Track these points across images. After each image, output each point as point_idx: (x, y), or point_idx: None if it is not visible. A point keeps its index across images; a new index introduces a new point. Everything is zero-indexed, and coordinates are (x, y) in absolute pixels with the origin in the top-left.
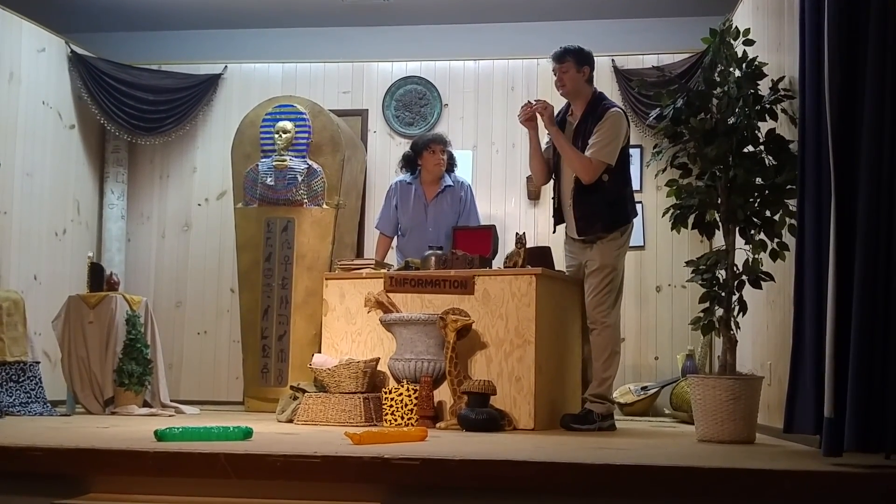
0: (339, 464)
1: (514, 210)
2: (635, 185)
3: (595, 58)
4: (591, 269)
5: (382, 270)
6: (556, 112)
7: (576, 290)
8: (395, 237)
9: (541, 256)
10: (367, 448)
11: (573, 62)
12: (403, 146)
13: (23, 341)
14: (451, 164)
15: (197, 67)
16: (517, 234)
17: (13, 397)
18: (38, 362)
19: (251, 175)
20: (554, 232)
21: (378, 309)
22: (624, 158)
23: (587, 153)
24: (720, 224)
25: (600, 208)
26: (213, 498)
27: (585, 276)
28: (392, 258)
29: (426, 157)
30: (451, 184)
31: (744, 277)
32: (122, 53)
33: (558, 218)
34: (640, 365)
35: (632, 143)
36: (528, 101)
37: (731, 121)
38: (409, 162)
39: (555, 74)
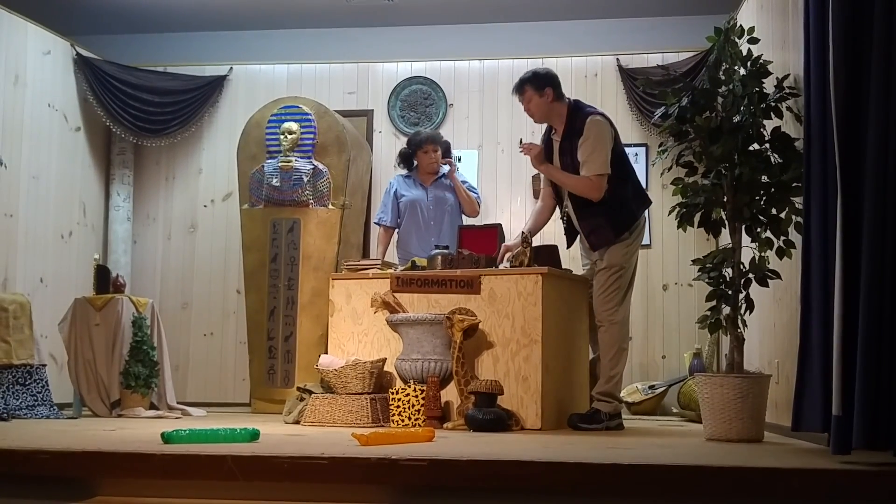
0: (347, 465)
1: (520, 209)
2: (642, 183)
3: (594, 55)
4: (599, 268)
5: (389, 271)
6: (541, 134)
7: (582, 289)
8: (396, 232)
9: (547, 255)
10: (375, 449)
11: (532, 89)
12: None
13: (29, 344)
14: (447, 154)
15: (202, 69)
16: (523, 232)
17: (20, 400)
18: (44, 365)
19: (257, 176)
20: (568, 248)
21: (384, 309)
22: (617, 159)
23: (582, 172)
24: (726, 222)
25: (606, 218)
26: (220, 500)
27: (594, 273)
28: (393, 256)
29: (420, 156)
30: (446, 173)
31: (750, 275)
32: (128, 55)
33: (571, 235)
34: (648, 364)
35: (637, 141)
36: (521, 141)
37: (737, 119)
38: (406, 159)
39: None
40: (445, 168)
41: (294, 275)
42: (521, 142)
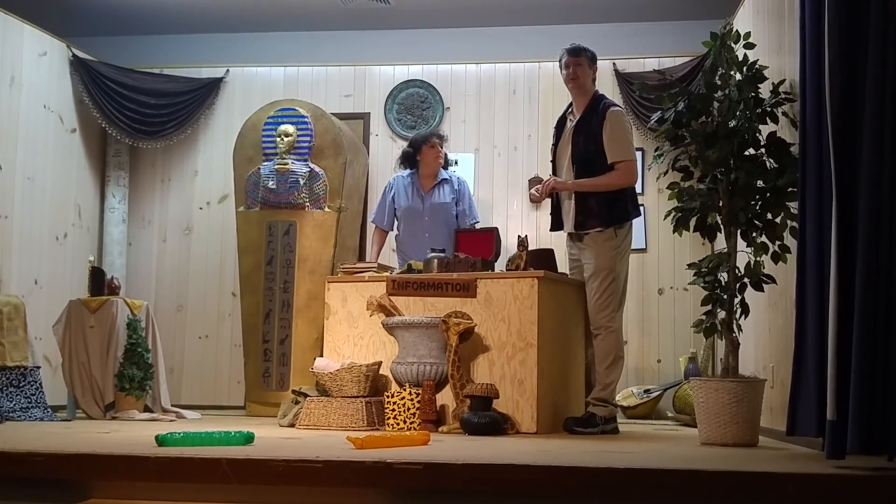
0: (342, 468)
1: (516, 213)
2: (637, 188)
3: (597, 60)
4: (588, 273)
5: (385, 274)
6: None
7: (578, 293)
8: (392, 233)
9: (543, 259)
10: (370, 452)
11: (587, 59)
12: None
13: (23, 346)
14: (446, 163)
15: (199, 71)
16: (519, 236)
17: (14, 402)
18: (38, 367)
19: (253, 178)
20: (551, 230)
21: (380, 312)
22: None
23: (612, 160)
24: (722, 227)
25: (601, 205)
26: (214, 503)
27: (585, 281)
28: (393, 260)
29: (425, 150)
30: (447, 177)
31: (745, 280)
32: (124, 57)
33: (556, 218)
34: (643, 368)
35: (634, 146)
36: (535, 192)
37: (732, 124)
38: (408, 158)
39: (566, 68)
40: (443, 174)
41: (290, 277)
42: (537, 191)
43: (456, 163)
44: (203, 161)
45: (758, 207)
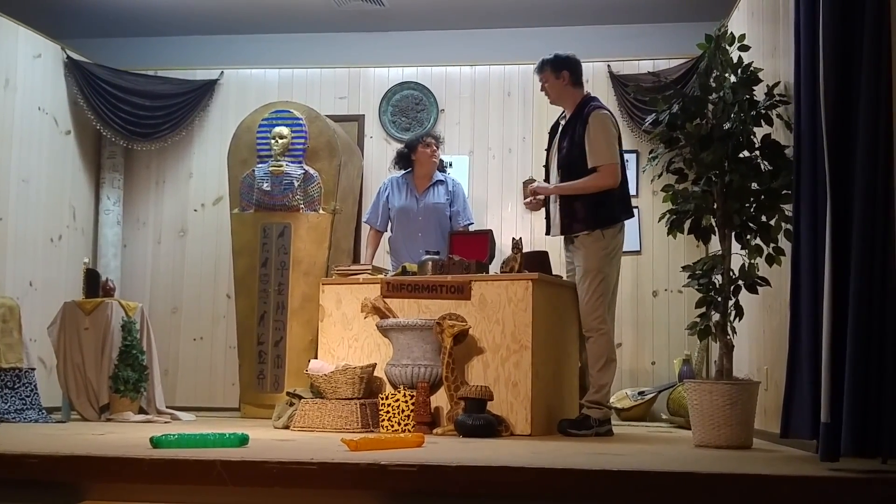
0: (336, 470)
1: (511, 215)
2: (631, 190)
3: (586, 61)
4: (579, 276)
5: (379, 276)
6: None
7: (572, 295)
8: (386, 234)
9: (537, 261)
10: (364, 454)
11: (549, 70)
12: None
13: (18, 348)
14: (441, 165)
15: (193, 73)
16: (514, 238)
17: (8, 404)
18: (33, 369)
19: (247, 180)
20: (546, 234)
21: (375, 314)
22: None
23: (592, 164)
24: (716, 229)
25: (585, 208)
26: None
27: (577, 283)
28: (387, 262)
29: (420, 150)
30: (442, 178)
31: (740, 282)
32: (119, 59)
33: (550, 222)
34: (637, 370)
35: (628, 148)
36: (530, 200)
37: (727, 126)
38: (403, 158)
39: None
40: (439, 175)
41: (284, 279)
42: (531, 199)
43: (450, 165)
44: (198, 163)
45: (752, 210)
